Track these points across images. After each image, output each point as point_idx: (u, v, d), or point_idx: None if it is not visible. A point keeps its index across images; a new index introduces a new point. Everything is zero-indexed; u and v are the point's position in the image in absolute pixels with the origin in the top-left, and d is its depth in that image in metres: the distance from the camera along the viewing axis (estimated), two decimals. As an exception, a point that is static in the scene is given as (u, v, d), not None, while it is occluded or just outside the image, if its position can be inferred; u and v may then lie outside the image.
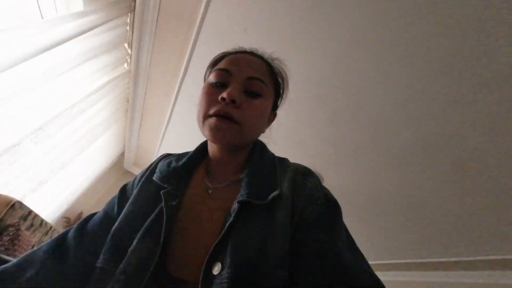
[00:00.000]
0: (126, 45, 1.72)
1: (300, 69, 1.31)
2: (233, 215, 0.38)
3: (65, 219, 2.62)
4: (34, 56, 1.08)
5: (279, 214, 0.39)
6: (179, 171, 0.49)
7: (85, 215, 0.87)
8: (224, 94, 0.42)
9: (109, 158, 2.81)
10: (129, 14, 1.49)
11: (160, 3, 1.44)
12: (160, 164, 0.53)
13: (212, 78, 0.48)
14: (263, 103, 0.47)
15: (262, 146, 0.54)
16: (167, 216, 0.40)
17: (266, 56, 0.54)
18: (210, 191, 0.47)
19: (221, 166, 0.51)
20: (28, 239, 1.52)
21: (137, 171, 3.33)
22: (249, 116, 0.44)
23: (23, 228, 1.53)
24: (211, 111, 0.44)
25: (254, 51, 0.54)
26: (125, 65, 1.88)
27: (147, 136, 2.73)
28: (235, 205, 0.39)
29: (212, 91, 0.46)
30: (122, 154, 3.14)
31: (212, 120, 0.43)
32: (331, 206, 0.43)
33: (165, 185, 0.45)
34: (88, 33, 1.28)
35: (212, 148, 0.52)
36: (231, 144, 0.46)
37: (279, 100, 0.57)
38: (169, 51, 1.70)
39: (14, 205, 1.48)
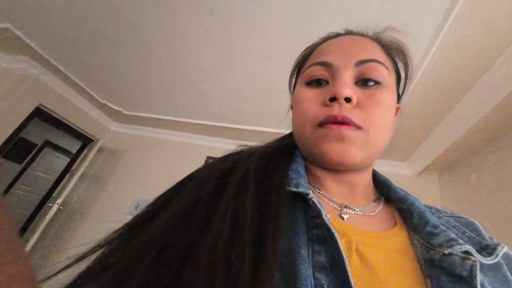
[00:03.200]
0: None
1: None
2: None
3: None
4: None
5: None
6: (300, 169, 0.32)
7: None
8: (332, 92, 0.30)
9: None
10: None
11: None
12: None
13: (304, 79, 0.35)
14: (388, 93, 0.32)
15: None
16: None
17: (370, 32, 0.38)
18: (344, 215, 0.30)
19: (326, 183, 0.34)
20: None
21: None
22: (376, 116, 0.30)
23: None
24: (320, 118, 0.31)
25: (353, 31, 0.38)
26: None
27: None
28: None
29: (312, 93, 0.33)
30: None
31: (325, 130, 0.30)
32: None
33: (299, 189, 0.27)
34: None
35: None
36: (358, 164, 0.31)
37: (402, 87, 0.40)
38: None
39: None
